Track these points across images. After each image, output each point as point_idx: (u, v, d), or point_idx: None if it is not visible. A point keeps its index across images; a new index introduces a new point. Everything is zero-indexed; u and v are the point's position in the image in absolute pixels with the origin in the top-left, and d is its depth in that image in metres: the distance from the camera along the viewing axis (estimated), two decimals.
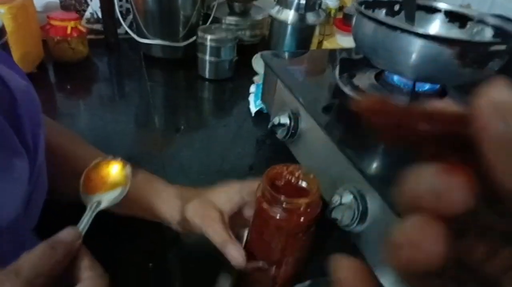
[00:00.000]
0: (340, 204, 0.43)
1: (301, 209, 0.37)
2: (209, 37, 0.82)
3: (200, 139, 0.69)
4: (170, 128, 0.72)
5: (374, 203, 0.42)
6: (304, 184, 0.40)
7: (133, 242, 0.50)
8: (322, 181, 0.38)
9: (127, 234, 0.50)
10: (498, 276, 0.10)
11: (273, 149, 0.67)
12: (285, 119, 0.55)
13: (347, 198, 0.43)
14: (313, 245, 0.43)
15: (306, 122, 0.54)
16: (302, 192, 0.39)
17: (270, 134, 0.69)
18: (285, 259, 0.40)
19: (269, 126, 0.58)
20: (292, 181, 0.40)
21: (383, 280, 0.41)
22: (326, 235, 0.49)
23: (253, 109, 0.74)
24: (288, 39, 0.88)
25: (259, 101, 0.73)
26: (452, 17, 0.61)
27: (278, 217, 0.37)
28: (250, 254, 0.43)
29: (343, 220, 0.43)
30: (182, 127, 0.72)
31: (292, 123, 0.55)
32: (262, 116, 0.75)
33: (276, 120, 0.56)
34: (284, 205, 0.37)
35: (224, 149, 0.66)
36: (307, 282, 0.43)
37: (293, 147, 0.57)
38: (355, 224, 0.43)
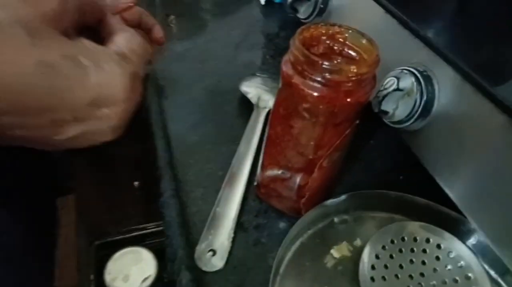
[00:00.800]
0: (397, 89, 0.31)
1: (350, 82, 0.24)
2: None
3: (206, 32, 0.54)
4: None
5: (444, 86, 0.29)
6: (353, 53, 0.27)
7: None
8: None
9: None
10: None
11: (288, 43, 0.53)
12: None
13: (406, 81, 0.30)
14: (351, 147, 0.31)
15: None
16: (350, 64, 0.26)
17: (284, 25, 0.55)
18: (319, 162, 0.28)
19: (288, 1, 0.44)
20: (335, 48, 0.27)
21: (449, 192, 0.30)
22: (369, 134, 0.38)
23: None
24: None
25: None
26: None
27: (316, 94, 0.25)
28: (268, 157, 0.31)
29: (396, 113, 0.31)
30: (184, 15, 0.57)
31: None
32: (273, 7, 0.60)
33: None
34: (326, 75, 0.24)
35: (232, 44, 0.52)
36: (343, 196, 0.32)
37: None
38: (413, 119, 0.31)
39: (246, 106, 0.42)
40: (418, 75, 0.30)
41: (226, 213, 0.33)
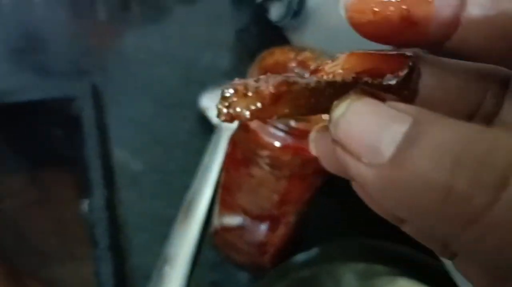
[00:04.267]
0: None
1: None
2: None
3: (160, 27, 0.49)
4: (116, 12, 0.51)
5: None
6: None
7: None
8: None
9: None
10: None
11: (261, 41, 0.48)
12: None
13: None
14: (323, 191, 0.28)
15: None
16: None
17: (255, 18, 0.50)
18: (284, 218, 0.25)
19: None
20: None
21: None
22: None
23: None
24: None
25: None
26: None
27: (278, 144, 0.21)
28: (224, 205, 0.27)
29: None
30: (136, 6, 0.51)
31: None
32: None
33: None
34: (291, 123, 0.20)
35: (193, 42, 0.47)
36: (315, 249, 0.29)
37: (295, 34, 0.39)
38: None
39: (207, 126, 0.38)
40: None
41: (175, 268, 0.29)
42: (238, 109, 0.10)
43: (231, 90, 0.10)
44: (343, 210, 0.34)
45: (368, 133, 0.09)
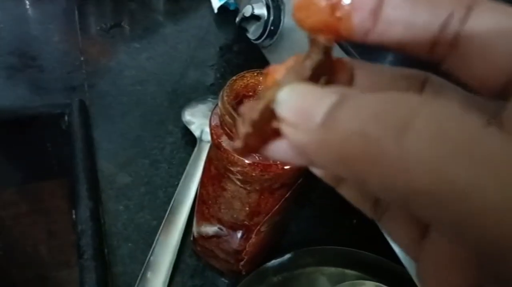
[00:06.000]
0: None
1: None
2: None
3: (148, 45, 0.50)
4: (107, 30, 0.52)
5: None
6: None
7: None
8: None
9: None
10: None
11: (243, 59, 0.50)
12: (261, 9, 0.38)
13: None
14: (298, 203, 0.29)
15: None
16: None
17: (238, 37, 0.52)
18: (256, 228, 0.26)
19: (237, 20, 0.40)
20: None
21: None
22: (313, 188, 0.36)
23: (216, 3, 0.55)
24: None
25: None
26: None
27: (247, 161, 0.22)
28: (201, 216, 0.28)
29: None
30: (125, 25, 0.52)
31: (272, 16, 0.38)
32: (227, 15, 0.56)
33: (247, 11, 0.39)
34: None
35: (179, 59, 0.49)
36: (288, 255, 0.30)
37: (271, 53, 0.41)
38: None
39: (190, 139, 0.39)
40: None
41: (157, 275, 0.30)
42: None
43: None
44: (318, 221, 0.35)
45: (304, 106, 0.10)
